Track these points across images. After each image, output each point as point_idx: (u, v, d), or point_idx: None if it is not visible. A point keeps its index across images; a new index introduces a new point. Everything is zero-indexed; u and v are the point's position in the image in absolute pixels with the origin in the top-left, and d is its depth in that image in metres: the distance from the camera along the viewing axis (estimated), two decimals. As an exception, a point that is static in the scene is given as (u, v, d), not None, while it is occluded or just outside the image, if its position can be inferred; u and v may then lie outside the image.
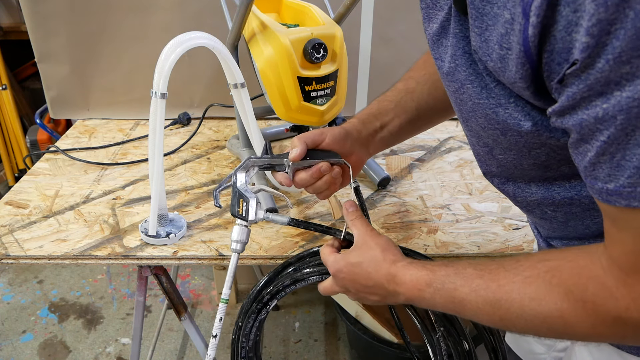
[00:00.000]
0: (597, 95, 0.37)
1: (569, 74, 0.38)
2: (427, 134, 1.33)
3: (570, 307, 0.44)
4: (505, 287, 0.48)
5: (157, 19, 1.29)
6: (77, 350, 1.73)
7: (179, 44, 0.77)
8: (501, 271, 0.49)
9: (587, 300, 0.43)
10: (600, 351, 0.62)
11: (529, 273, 0.47)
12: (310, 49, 0.87)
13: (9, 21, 2.37)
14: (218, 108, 1.35)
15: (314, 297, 1.91)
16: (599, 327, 0.43)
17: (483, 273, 0.50)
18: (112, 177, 1.11)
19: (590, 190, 0.41)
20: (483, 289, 0.49)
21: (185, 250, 0.87)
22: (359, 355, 1.60)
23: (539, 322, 0.46)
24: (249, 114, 0.90)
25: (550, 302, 0.45)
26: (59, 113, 1.43)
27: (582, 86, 0.37)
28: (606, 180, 0.39)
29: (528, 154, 0.51)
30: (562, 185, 0.55)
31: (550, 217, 0.59)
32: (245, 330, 0.77)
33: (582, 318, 0.43)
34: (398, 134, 0.78)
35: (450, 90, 0.55)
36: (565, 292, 0.44)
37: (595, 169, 0.40)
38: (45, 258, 0.86)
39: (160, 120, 0.80)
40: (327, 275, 0.69)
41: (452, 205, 1.01)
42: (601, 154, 0.39)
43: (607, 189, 0.39)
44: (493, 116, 0.49)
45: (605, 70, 0.35)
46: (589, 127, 0.38)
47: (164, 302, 1.85)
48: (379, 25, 1.28)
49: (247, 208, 0.69)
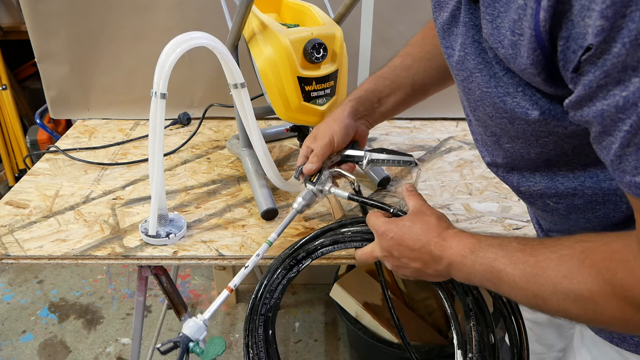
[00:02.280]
0: (615, 83, 0.36)
1: (585, 61, 0.37)
2: (427, 134, 1.33)
3: (599, 289, 0.44)
4: (542, 262, 0.48)
5: (157, 19, 1.29)
6: (77, 350, 1.73)
7: (179, 44, 0.77)
8: (541, 247, 0.49)
9: (616, 284, 0.43)
10: (600, 350, 0.62)
11: (565, 252, 0.47)
12: (310, 49, 0.87)
13: (9, 21, 2.37)
14: (218, 108, 1.35)
15: (313, 297, 1.91)
16: (626, 312, 0.43)
17: (525, 247, 0.51)
18: (112, 177, 1.11)
19: (620, 184, 0.41)
20: (522, 262, 0.50)
21: (185, 250, 0.87)
22: (359, 355, 1.60)
23: (570, 301, 0.46)
24: (249, 114, 0.90)
25: (582, 282, 0.45)
26: (59, 113, 1.43)
27: (598, 73, 0.37)
28: (634, 173, 0.38)
29: (535, 142, 0.51)
30: (566, 176, 0.55)
31: (552, 209, 0.59)
32: (272, 286, 0.76)
33: (610, 301, 0.43)
34: (394, 109, 0.84)
35: (458, 79, 0.55)
36: (597, 273, 0.44)
37: (622, 162, 0.39)
38: (45, 258, 0.86)
39: (160, 120, 0.80)
40: (367, 242, 0.71)
41: (452, 205, 1.01)
42: (626, 145, 0.38)
43: (636, 182, 0.39)
44: (501, 105, 0.49)
45: (621, 54, 0.34)
46: (611, 118, 0.38)
47: (164, 302, 1.85)
48: (379, 25, 1.28)
49: (318, 177, 0.79)
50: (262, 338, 0.76)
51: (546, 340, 0.88)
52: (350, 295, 1.37)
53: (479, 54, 0.49)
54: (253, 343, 0.76)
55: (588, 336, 0.65)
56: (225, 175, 1.12)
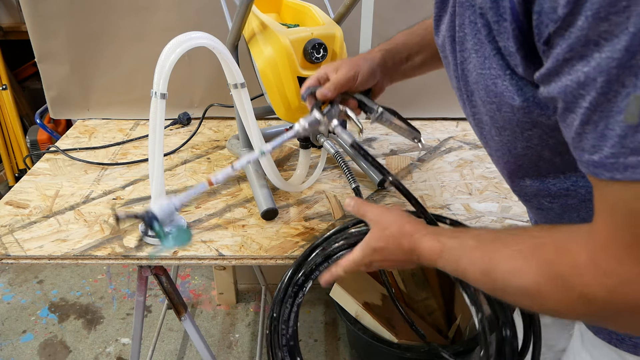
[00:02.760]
0: (579, 57, 0.36)
1: (554, 33, 0.37)
2: (427, 134, 1.33)
3: (545, 281, 0.44)
4: (495, 259, 0.49)
5: (157, 19, 1.29)
6: (77, 350, 1.73)
7: (179, 44, 0.77)
8: (496, 244, 0.50)
9: (559, 275, 0.43)
10: (600, 351, 0.62)
11: (517, 247, 0.47)
12: (310, 49, 0.87)
13: (9, 21, 2.37)
14: (218, 108, 1.35)
15: (313, 297, 1.91)
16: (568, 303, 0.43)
17: (481, 245, 0.52)
18: (112, 177, 1.11)
19: (580, 164, 0.41)
20: (479, 261, 0.51)
21: (185, 250, 0.87)
22: (359, 355, 1.60)
23: (521, 294, 0.47)
24: (249, 114, 0.90)
25: (530, 276, 0.45)
26: (59, 113, 1.43)
27: (564, 46, 0.37)
28: (591, 151, 0.38)
29: (521, 134, 0.51)
30: (557, 177, 0.55)
31: (547, 208, 0.60)
32: (284, 317, 0.76)
33: (554, 293, 0.44)
34: (419, 68, 0.82)
35: (458, 62, 0.55)
36: (542, 266, 0.44)
37: (581, 140, 0.39)
38: (46, 258, 0.86)
39: (160, 120, 0.80)
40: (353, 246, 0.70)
41: (452, 205, 1.01)
42: (585, 123, 0.38)
43: (592, 161, 0.38)
44: (493, 87, 0.49)
45: (584, 27, 0.35)
46: (572, 94, 0.38)
47: (164, 302, 1.85)
48: (379, 25, 1.28)
49: (329, 109, 0.74)
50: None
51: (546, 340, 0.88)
52: (350, 295, 1.37)
53: (475, 35, 0.49)
54: None
55: (588, 338, 0.65)
56: (225, 175, 1.12)
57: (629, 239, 0.38)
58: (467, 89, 0.55)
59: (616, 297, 0.39)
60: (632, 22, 0.32)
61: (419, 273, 1.39)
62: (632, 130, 0.35)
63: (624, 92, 0.34)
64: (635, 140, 0.35)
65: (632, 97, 0.34)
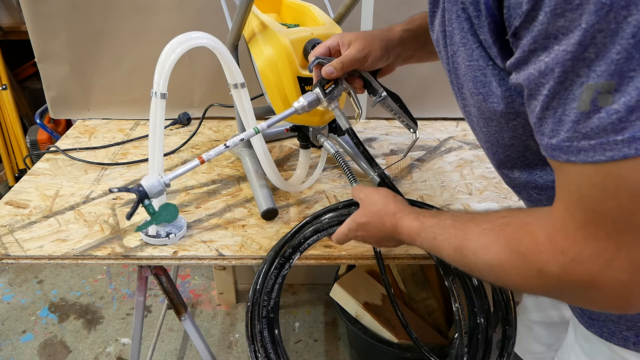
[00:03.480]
0: (542, 49, 0.39)
1: (519, 26, 0.40)
2: (427, 134, 1.33)
3: (506, 257, 0.47)
4: (468, 236, 0.52)
5: (157, 19, 1.29)
6: (77, 350, 1.73)
7: (179, 44, 0.77)
8: (470, 223, 0.53)
9: (520, 252, 0.46)
10: (592, 345, 0.64)
11: (487, 226, 0.51)
12: (310, 49, 0.86)
13: (9, 21, 2.37)
14: (218, 108, 1.35)
15: (313, 297, 1.91)
16: (526, 278, 0.46)
17: (457, 224, 0.55)
18: (112, 177, 1.11)
19: (541, 149, 0.43)
20: (453, 237, 0.54)
21: (185, 250, 0.87)
22: (359, 355, 1.60)
23: (487, 269, 0.50)
24: (249, 114, 0.90)
25: (494, 252, 0.48)
26: (59, 113, 1.43)
27: (529, 38, 0.40)
28: (550, 135, 0.41)
29: (506, 125, 0.53)
30: (544, 169, 0.57)
31: (535, 200, 0.61)
32: (267, 287, 0.76)
33: (515, 268, 0.47)
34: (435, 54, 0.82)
35: (449, 54, 0.56)
36: (506, 243, 0.47)
37: (542, 125, 0.41)
38: (45, 258, 0.86)
39: (160, 120, 0.80)
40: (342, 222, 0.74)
41: (452, 205, 1.01)
42: (545, 109, 0.40)
43: (551, 144, 0.41)
44: (481, 78, 0.51)
45: (544, 22, 0.37)
46: (535, 82, 0.40)
47: (164, 302, 1.85)
48: (379, 25, 1.28)
49: (332, 89, 0.74)
50: (268, 340, 0.75)
51: (546, 340, 0.88)
52: (350, 295, 1.37)
53: (461, 29, 0.51)
54: (260, 347, 0.75)
55: (580, 332, 0.66)
56: (225, 175, 1.12)
57: (583, 220, 0.40)
58: (458, 82, 0.57)
59: (570, 274, 0.42)
60: (584, 19, 0.35)
61: (419, 273, 1.39)
62: (584, 116, 0.37)
63: (579, 81, 0.37)
64: (587, 126, 0.37)
65: (585, 87, 0.37)
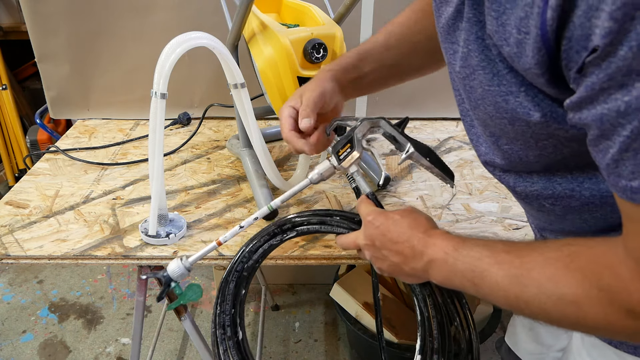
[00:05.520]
0: (618, 87, 0.36)
1: (589, 62, 0.37)
2: (427, 134, 1.33)
3: (584, 293, 0.43)
4: (528, 264, 0.47)
5: (157, 19, 1.29)
6: (77, 350, 1.73)
7: (179, 44, 0.77)
8: (527, 249, 0.49)
9: (602, 288, 0.42)
10: (600, 352, 0.62)
11: (552, 254, 0.46)
12: (310, 49, 0.87)
13: (9, 21, 2.37)
14: (218, 108, 1.35)
15: (313, 297, 1.91)
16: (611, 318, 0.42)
17: (511, 249, 0.50)
18: (112, 177, 1.11)
19: (613, 187, 0.41)
20: (507, 262, 0.49)
21: (185, 250, 0.87)
22: (359, 355, 1.60)
23: (552, 304, 0.45)
24: (249, 114, 0.90)
25: (566, 285, 0.44)
26: (59, 113, 1.43)
27: (602, 75, 0.36)
28: (630, 177, 0.38)
29: (535, 145, 0.51)
30: (564, 177, 0.54)
31: (547, 210, 0.59)
32: (253, 248, 0.75)
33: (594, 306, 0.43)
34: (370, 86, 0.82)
35: (460, 76, 0.54)
36: (582, 277, 0.43)
37: (618, 166, 0.39)
38: (45, 258, 0.86)
39: (160, 120, 0.80)
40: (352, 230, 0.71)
41: (452, 205, 1.01)
42: (624, 150, 0.37)
43: (632, 187, 0.38)
44: (503, 104, 0.48)
45: (627, 58, 0.34)
46: (610, 122, 0.37)
47: (164, 302, 1.85)
48: (379, 25, 1.28)
49: (347, 154, 0.70)
50: (232, 292, 0.74)
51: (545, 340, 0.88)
52: (350, 295, 1.37)
53: (482, 51, 0.48)
54: (222, 300, 0.75)
55: (588, 338, 0.65)
56: (225, 175, 1.12)
57: None
58: (471, 102, 0.54)
59: None
60: None
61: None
62: None
63: None
64: None
65: None
